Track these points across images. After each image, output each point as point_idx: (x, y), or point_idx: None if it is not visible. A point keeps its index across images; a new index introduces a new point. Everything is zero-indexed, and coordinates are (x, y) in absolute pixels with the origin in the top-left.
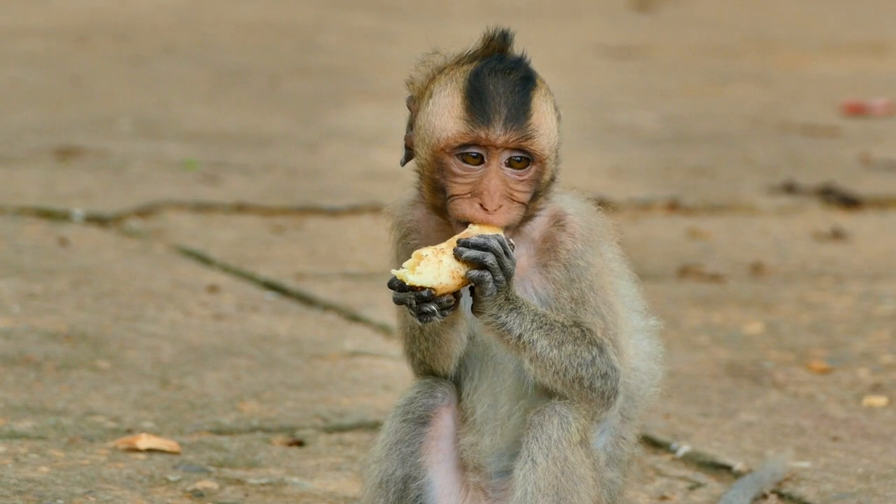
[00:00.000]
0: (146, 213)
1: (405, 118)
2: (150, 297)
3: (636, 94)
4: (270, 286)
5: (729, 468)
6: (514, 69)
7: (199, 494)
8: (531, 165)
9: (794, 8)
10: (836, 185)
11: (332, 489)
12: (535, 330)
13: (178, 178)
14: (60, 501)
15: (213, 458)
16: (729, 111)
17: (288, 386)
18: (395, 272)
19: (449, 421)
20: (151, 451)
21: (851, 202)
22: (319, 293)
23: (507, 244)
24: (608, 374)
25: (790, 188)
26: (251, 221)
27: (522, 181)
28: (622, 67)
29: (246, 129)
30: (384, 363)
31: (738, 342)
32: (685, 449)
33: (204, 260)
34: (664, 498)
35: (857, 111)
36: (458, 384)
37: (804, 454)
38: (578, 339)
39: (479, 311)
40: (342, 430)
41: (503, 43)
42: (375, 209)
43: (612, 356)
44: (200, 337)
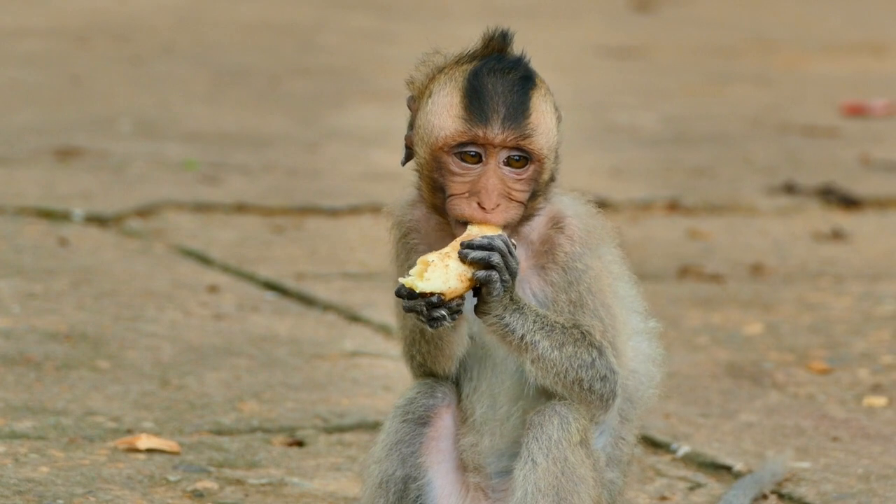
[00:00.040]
0: (146, 213)
1: (405, 118)
2: (150, 297)
3: (636, 94)
4: (270, 286)
5: (729, 468)
6: (513, 69)
7: (199, 494)
8: (529, 165)
9: (794, 8)
10: (835, 185)
11: (332, 489)
12: (537, 331)
13: (178, 178)
14: (60, 501)
15: (213, 458)
16: (729, 111)
17: (288, 386)
18: (402, 280)
19: (449, 421)
20: (151, 451)
21: (851, 202)
22: (319, 293)
23: (510, 243)
24: (607, 376)
25: (790, 188)
26: (251, 221)
27: (521, 180)
28: (622, 68)
29: (246, 129)
30: (384, 363)
31: (737, 343)
32: (685, 449)
33: (204, 260)
34: (664, 498)
35: (856, 112)
36: (457, 385)
37: (804, 454)
38: (578, 340)
39: (484, 311)
40: (342, 430)
41: (503, 43)
42: (375, 209)
43: (610, 358)
44: (200, 337)
